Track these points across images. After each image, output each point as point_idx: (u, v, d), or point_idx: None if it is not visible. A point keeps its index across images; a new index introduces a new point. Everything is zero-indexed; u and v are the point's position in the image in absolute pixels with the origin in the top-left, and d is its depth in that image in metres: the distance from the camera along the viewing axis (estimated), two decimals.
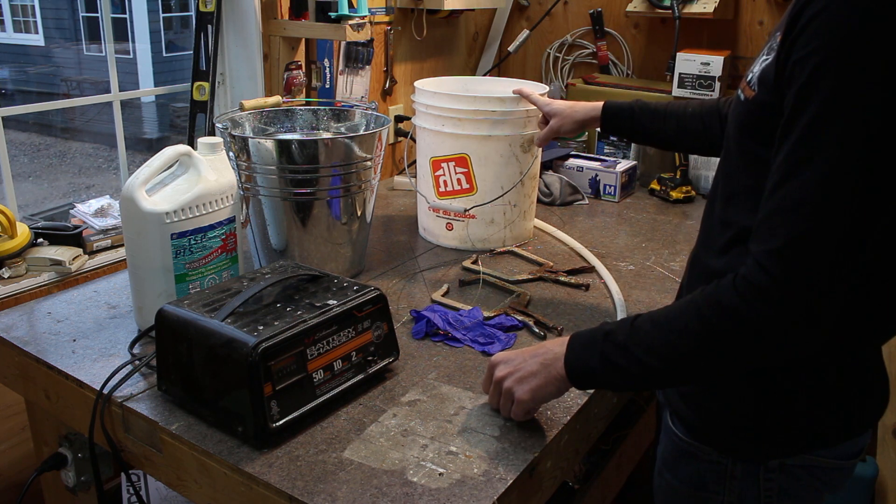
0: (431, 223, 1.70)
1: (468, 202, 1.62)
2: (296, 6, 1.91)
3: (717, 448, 0.95)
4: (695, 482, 0.98)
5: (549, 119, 1.46)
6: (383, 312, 1.11)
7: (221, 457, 0.94)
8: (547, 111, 1.46)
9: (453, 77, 1.83)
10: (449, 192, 1.64)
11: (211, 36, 1.88)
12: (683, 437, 0.98)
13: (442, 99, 1.58)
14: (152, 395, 1.07)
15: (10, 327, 1.26)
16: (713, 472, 0.96)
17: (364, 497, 0.87)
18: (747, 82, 0.87)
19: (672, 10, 2.19)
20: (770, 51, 0.84)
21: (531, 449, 0.96)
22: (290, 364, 0.97)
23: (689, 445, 0.97)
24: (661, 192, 2.08)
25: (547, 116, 1.47)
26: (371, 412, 1.04)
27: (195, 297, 1.07)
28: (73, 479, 1.28)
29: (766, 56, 0.84)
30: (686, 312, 0.83)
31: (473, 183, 1.61)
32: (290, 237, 1.40)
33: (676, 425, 0.99)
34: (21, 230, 1.59)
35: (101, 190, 9.35)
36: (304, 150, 1.32)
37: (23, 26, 14.79)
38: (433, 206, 1.66)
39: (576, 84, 2.44)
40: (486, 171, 1.61)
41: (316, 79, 2.07)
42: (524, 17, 2.73)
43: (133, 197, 1.14)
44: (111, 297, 1.39)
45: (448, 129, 1.59)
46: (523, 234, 1.72)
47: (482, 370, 1.15)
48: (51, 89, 13.25)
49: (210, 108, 1.90)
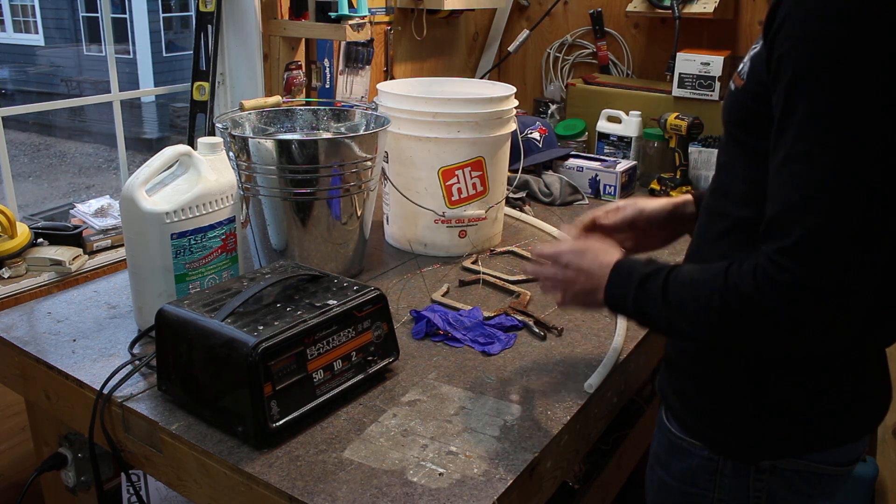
0: (439, 236, 1.61)
1: (483, 205, 1.60)
2: (296, 6, 1.91)
3: (709, 445, 0.95)
4: (685, 478, 0.98)
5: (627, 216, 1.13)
6: (383, 312, 1.11)
7: (221, 457, 0.94)
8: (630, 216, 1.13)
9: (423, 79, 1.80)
10: (463, 200, 1.59)
11: (211, 36, 1.88)
12: (677, 433, 0.98)
13: (457, 105, 1.52)
14: (152, 395, 1.07)
15: (10, 327, 1.26)
16: (704, 469, 0.96)
17: (364, 497, 0.87)
18: (738, 72, 0.87)
19: (672, 10, 2.19)
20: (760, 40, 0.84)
21: (531, 449, 0.96)
22: (290, 364, 0.97)
23: (682, 441, 0.97)
24: (661, 192, 2.08)
25: (630, 218, 1.13)
26: (371, 412, 1.04)
27: (195, 297, 1.07)
28: (73, 479, 1.28)
29: (756, 46, 0.85)
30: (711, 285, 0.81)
31: (487, 185, 1.60)
32: (290, 237, 1.40)
33: (670, 421, 1.00)
34: (21, 230, 1.59)
35: (101, 190, 9.36)
36: (304, 150, 1.32)
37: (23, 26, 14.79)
38: (447, 217, 1.58)
39: (576, 84, 2.44)
40: (496, 170, 1.60)
41: (316, 79, 2.07)
42: (524, 17, 2.73)
43: (133, 197, 1.14)
44: (111, 297, 1.39)
45: (465, 135, 1.53)
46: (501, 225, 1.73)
47: (482, 370, 1.15)
48: (51, 89, 13.25)
49: (210, 108, 1.90)
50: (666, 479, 1.01)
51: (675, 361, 1.00)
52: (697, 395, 0.95)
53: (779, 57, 0.75)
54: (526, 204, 1.95)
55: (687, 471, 0.98)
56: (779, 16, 0.75)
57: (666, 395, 1.01)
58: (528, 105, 2.65)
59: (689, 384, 0.97)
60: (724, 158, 0.93)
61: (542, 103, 2.58)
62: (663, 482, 1.02)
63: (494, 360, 1.18)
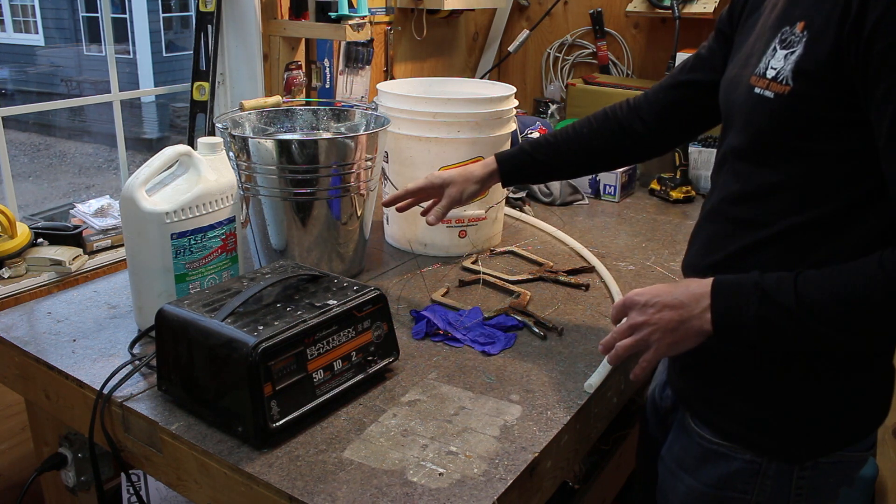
0: (438, 236, 1.61)
1: (483, 205, 1.60)
2: (296, 6, 1.91)
3: (752, 449, 0.94)
4: (720, 483, 0.97)
5: (445, 188, 1.31)
6: (383, 312, 1.11)
7: (221, 457, 0.94)
8: (439, 182, 1.31)
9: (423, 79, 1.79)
10: None
11: (211, 36, 1.88)
12: (712, 438, 0.97)
13: (457, 105, 1.52)
14: (152, 395, 1.07)
15: (10, 327, 1.26)
16: (744, 472, 0.95)
17: (364, 497, 0.87)
18: (770, 78, 0.85)
19: (672, 10, 2.19)
20: (789, 45, 0.83)
21: (531, 449, 0.96)
22: (290, 364, 0.97)
23: (719, 446, 0.96)
24: (661, 191, 2.08)
25: (441, 187, 1.32)
26: (371, 412, 1.04)
27: (195, 297, 1.07)
28: (73, 479, 1.28)
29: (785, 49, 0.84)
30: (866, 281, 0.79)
31: None
32: (290, 237, 1.40)
33: (701, 427, 0.99)
34: (21, 230, 1.59)
35: (101, 190, 9.36)
36: (304, 150, 1.32)
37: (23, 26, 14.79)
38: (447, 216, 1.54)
39: (576, 84, 2.44)
40: None
41: (316, 79, 2.07)
42: (524, 17, 2.73)
43: (133, 197, 1.14)
44: (111, 297, 1.39)
45: (465, 135, 1.53)
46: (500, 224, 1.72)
47: (482, 370, 1.15)
48: (51, 89, 13.25)
49: (210, 108, 1.90)
50: (695, 485, 1.00)
51: (695, 368, 0.99)
52: (735, 401, 0.94)
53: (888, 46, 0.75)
54: (526, 204, 1.95)
55: (723, 475, 0.97)
56: (870, 17, 0.75)
57: (691, 403, 1.00)
58: (528, 105, 2.66)
59: (720, 390, 0.96)
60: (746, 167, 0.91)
61: (542, 103, 2.58)
62: (692, 489, 1.01)
63: (494, 360, 1.18)
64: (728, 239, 0.94)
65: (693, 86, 1.14)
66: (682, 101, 1.16)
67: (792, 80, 0.83)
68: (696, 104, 1.15)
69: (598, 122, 1.24)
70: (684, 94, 1.15)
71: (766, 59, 0.87)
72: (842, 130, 0.81)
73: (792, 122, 0.84)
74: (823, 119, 0.81)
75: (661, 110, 1.18)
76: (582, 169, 1.31)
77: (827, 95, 0.80)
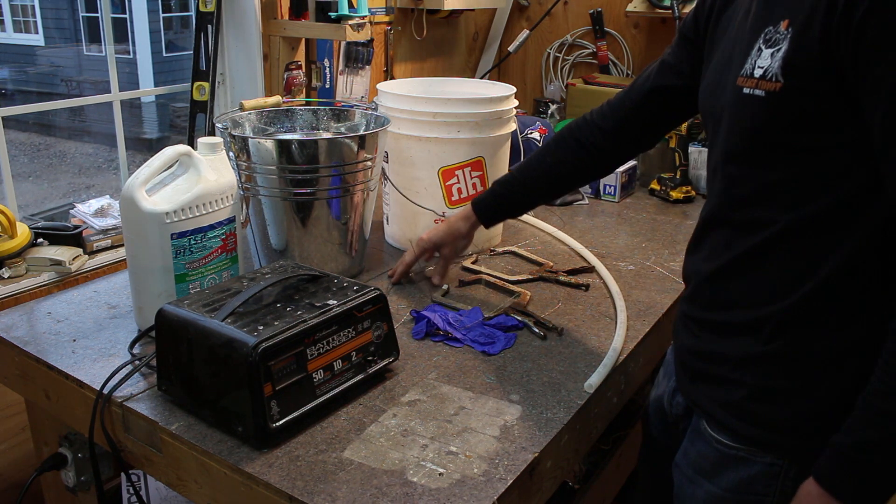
0: None
1: None
2: (296, 6, 1.91)
3: (773, 452, 0.94)
4: (741, 487, 0.97)
5: (438, 250, 1.42)
6: (383, 312, 1.11)
7: (221, 457, 0.94)
8: (431, 247, 1.42)
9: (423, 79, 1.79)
10: (463, 199, 1.58)
11: (211, 36, 1.88)
12: (730, 443, 0.96)
13: (457, 105, 1.52)
14: (152, 395, 1.07)
15: (10, 327, 1.26)
16: (765, 475, 0.95)
17: (364, 497, 0.87)
18: (758, 77, 0.85)
19: (672, 10, 2.19)
20: (775, 43, 0.83)
21: (531, 449, 0.96)
22: (290, 364, 0.97)
23: (738, 451, 0.96)
24: (661, 192, 2.08)
25: (433, 251, 1.43)
26: (371, 412, 1.04)
27: (195, 297, 1.07)
28: (73, 479, 1.28)
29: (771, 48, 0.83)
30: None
31: (487, 185, 1.59)
32: (290, 237, 1.40)
33: (718, 432, 0.98)
34: (21, 230, 1.59)
35: (101, 190, 9.36)
36: (304, 150, 1.32)
37: (23, 26, 14.79)
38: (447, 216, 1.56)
39: (576, 84, 2.44)
40: (496, 170, 1.60)
41: (316, 79, 2.07)
42: (524, 17, 2.73)
43: (133, 197, 1.14)
44: (111, 297, 1.39)
45: (465, 135, 1.53)
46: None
47: (482, 370, 1.15)
48: (51, 89, 13.25)
49: (210, 108, 1.90)
50: (715, 490, 0.99)
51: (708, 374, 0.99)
52: (753, 404, 0.94)
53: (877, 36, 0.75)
54: None
55: (743, 479, 0.96)
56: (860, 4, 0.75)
57: (707, 408, 0.99)
58: (528, 105, 2.66)
59: (736, 395, 0.95)
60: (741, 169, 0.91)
61: (542, 103, 2.58)
62: (712, 494, 1.00)
63: (494, 360, 1.18)
64: (731, 243, 0.93)
65: (662, 92, 1.15)
66: (651, 108, 1.18)
67: (782, 77, 0.82)
68: (665, 109, 1.18)
69: (558, 146, 1.28)
70: (654, 100, 1.17)
71: (752, 59, 0.86)
72: (835, 122, 0.81)
73: (786, 118, 0.84)
74: (817, 112, 0.81)
75: (624, 118, 1.21)
76: (557, 194, 1.38)
77: (818, 87, 0.80)
